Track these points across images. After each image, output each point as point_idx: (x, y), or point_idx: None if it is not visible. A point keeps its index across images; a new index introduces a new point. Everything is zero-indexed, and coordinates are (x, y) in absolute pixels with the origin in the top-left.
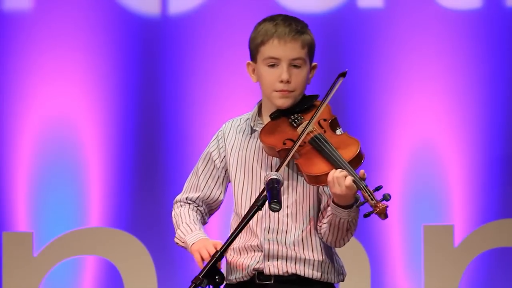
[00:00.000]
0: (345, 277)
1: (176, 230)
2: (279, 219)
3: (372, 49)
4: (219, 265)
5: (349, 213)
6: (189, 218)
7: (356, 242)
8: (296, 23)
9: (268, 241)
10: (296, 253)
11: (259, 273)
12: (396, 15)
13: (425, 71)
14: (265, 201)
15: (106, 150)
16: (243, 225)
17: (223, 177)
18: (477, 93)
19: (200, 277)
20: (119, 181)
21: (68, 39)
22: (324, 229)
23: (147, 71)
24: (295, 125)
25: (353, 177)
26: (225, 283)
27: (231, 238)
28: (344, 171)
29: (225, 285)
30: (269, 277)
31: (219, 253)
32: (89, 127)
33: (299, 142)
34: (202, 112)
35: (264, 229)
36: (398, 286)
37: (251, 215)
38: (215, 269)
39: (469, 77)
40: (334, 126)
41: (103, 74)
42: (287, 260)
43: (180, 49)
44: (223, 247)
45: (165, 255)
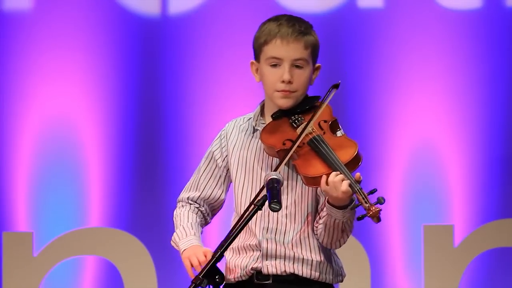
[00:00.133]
0: (344, 278)
1: (175, 231)
2: (277, 219)
3: (372, 49)
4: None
5: (343, 214)
6: (187, 221)
7: (356, 242)
8: (300, 23)
9: (267, 240)
10: (294, 253)
11: (257, 273)
12: (396, 15)
13: (425, 71)
14: (265, 201)
15: (106, 150)
16: (243, 225)
17: (224, 176)
18: (477, 93)
19: (200, 277)
20: (119, 181)
21: (68, 39)
22: (320, 229)
23: (147, 71)
24: (295, 125)
25: (349, 179)
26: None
27: (231, 238)
28: (341, 175)
29: (224, 285)
30: (268, 276)
31: (219, 253)
32: (89, 127)
33: (297, 143)
34: (202, 112)
35: (263, 228)
36: (398, 286)
37: (251, 215)
38: (215, 269)
39: (469, 77)
40: (335, 127)
41: (103, 74)
42: (285, 259)
43: (180, 49)
44: (222, 248)
45: (165, 255)
